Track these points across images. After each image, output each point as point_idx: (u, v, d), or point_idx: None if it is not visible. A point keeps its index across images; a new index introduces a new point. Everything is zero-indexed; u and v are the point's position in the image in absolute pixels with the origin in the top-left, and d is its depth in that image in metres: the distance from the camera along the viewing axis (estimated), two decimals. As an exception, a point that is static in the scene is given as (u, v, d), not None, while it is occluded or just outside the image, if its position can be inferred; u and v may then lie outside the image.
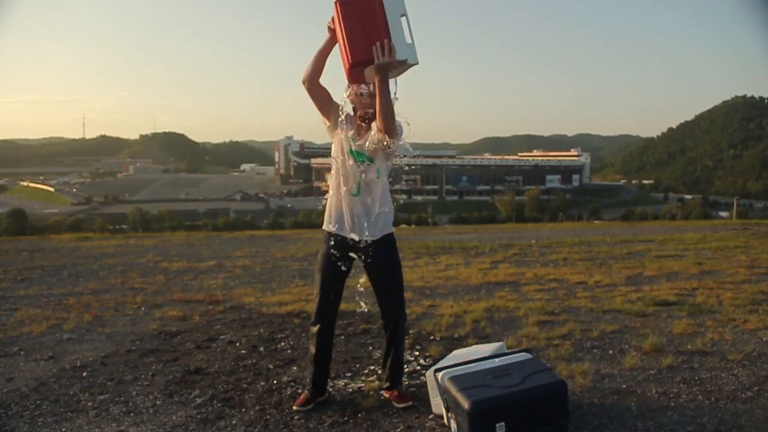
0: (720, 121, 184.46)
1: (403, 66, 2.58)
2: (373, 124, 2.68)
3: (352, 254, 2.84)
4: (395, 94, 2.59)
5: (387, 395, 2.97)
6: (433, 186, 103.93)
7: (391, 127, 2.59)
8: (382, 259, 2.85)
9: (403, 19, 2.55)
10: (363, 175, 2.76)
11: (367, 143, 2.71)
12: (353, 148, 2.76)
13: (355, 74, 2.61)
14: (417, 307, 4.93)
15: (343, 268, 2.86)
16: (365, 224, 2.78)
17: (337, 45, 2.65)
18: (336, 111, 2.79)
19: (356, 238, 2.80)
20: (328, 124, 2.84)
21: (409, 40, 2.55)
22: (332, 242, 2.86)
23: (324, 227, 2.90)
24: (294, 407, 2.88)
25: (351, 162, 2.76)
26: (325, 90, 2.81)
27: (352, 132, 2.77)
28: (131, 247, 10.33)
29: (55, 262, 8.35)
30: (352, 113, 2.82)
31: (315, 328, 2.92)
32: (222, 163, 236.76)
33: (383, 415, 2.79)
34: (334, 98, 2.81)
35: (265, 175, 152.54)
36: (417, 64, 2.57)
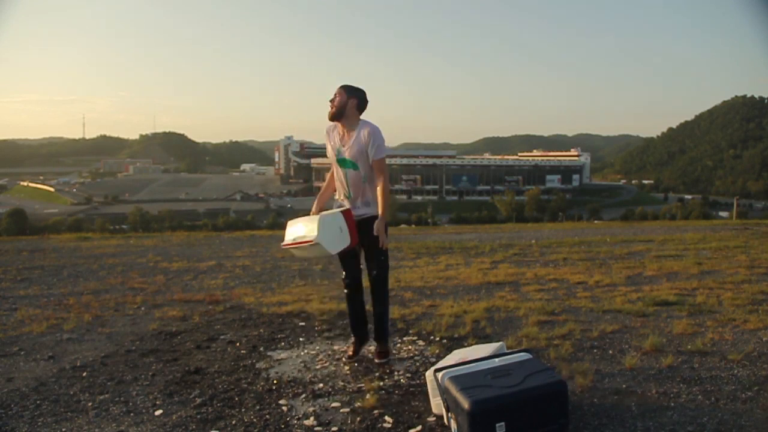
0: (720, 121, 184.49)
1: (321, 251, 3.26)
2: (354, 133, 3.38)
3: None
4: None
5: (372, 352, 3.61)
6: (433, 186, 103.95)
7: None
8: (368, 234, 3.38)
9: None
10: (351, 181, 3.41)
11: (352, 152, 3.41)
12: (340, 157, 3.40)
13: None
14: (417, 307, 4.93)
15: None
16: (354, 208, 3.45)
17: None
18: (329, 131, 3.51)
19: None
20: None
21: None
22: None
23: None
24: (344, 358, 3.58)
25: (340, 170, 3.42)
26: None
27: (338, 143, 3.42)
28: (131, 247, 10.33)
29: (55, 262, 8.35)
30: (335, 126, 3.47)
31: (347, 290, 3.58)
32: (222, 163, 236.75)
33: (383, 415, 2.80)
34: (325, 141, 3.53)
35: (265, 175, 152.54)
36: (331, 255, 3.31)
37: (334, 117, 3.38)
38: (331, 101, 3.37)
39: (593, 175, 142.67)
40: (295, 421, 2.75)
